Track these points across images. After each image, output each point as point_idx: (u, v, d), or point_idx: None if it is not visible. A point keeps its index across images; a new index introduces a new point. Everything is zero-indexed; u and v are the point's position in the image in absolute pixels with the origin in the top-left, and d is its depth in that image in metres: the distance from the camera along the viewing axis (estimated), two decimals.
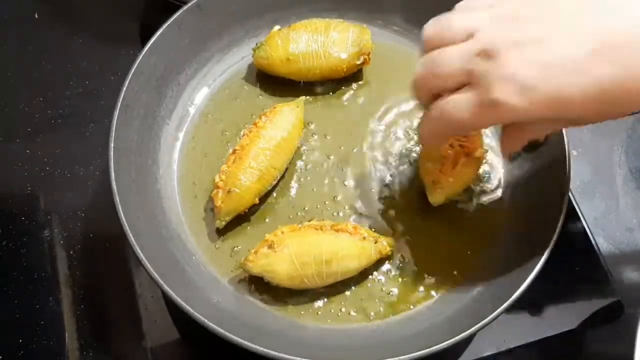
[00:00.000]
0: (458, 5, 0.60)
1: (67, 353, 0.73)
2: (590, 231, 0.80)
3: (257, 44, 0.80)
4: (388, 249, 0.71)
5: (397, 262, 0.73)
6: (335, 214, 0.75)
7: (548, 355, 0.77)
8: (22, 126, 0.86)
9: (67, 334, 0.74)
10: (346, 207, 0.75)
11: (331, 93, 0.82)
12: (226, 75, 0.83)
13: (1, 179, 0.82)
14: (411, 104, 0.81)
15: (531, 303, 0.75)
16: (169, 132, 0.78)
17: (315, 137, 0.79)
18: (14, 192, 0.82)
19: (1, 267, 0.77)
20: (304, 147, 0.78)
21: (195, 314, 0.62)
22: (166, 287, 0.63)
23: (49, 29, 0.94)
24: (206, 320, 0.61)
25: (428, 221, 0.75)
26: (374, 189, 0.76)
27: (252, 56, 0.81)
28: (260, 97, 0.82)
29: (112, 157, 0.69)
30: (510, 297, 0.64)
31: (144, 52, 0.74)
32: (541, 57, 0.53)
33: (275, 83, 0.81)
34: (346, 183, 0.76)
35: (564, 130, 0.72)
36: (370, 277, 0.72)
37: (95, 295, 0.76)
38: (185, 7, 0.77)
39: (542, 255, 0.66)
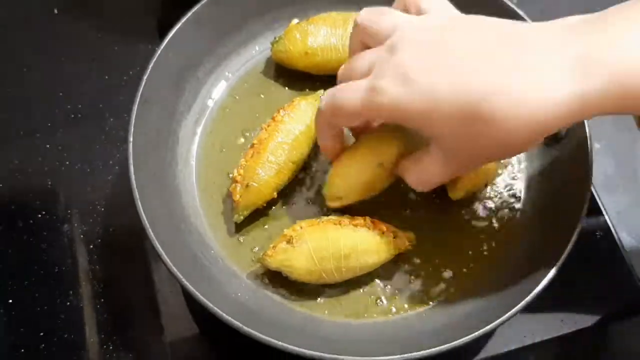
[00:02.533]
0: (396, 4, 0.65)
1: (87, 347, 0.73)
2: (613, 226, 0.79)
3: (275, 38, 0.80)
4: (407, 243, 0.70)
5: (416, 257, 0.72)
6: (354, 208, 0.74)
7: (569, 351, 0.76)
8: (42, 121, 0.86)
9: (87, 328, 0.74)
10: (365, 201, 0.74)
11: None
12: (244, 69, 0.83)
13: (21, 174, 0.83)
14: None
15: (552, 298, 0.74)
16: (188, 126, 0.78)
17: None
18: (34, 187, 0.82)
19: (21, 262, 0.78)
20: None
21: (214, 308, 0.62)
22: (185, 282, 0.63)
23: (68, 24, 0.95)
24: (225, 315, 0.61)
25: (447, 215, 0.74)
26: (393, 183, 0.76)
27: (271, 50, 0.80)
28: (278, 91, 0.81)
29: (131, 151, 0.69)
30: (531, 292, 0.63)
31: (162, 47, 0.74)
32: (435, 58, 0.56)
33: (293, 77, 0.81)
34: None
35: (586, 123, 0.71)
36: (389, 272, 0.71)
37: (114, 290, 0.76)
38: (203, 1, 0.77)
39: (564, 250, 0.65)
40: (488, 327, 0.62)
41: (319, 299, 0.70)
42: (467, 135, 0.55)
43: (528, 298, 0.63)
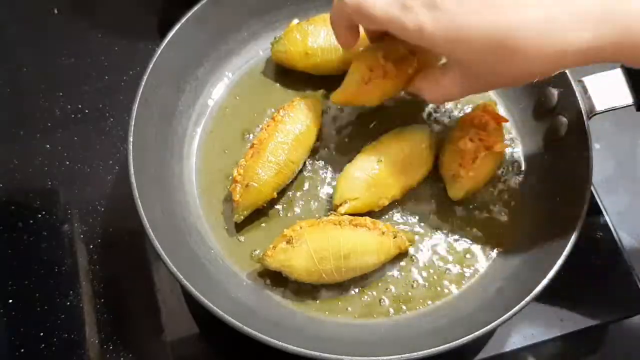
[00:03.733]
0: None
1: (87, 346, 0.73)
2: (613, 226, 0.79)
3: (275, 38, 0.80)
4: (407, 244, 0.70)
5: (416, 257, 0.72)
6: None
7: (570, 351, 0.76)
8: (42, 121, 0.86)
9: (87, 328, 0.74)
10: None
11: None
12: (244, 69, 0.83)
13: (21, 174, 0.83)
14: None
15: (552, 298, 0.75)
16: (188, 126, 0.78)
17: (334, 130, 0.79)
18: (34, 187, 0.82)
19: (22, 261, 0.78)
20: (322, 141, 0.78)
21: (214, 307, 0.62)
22: (185, 281, 0.63)
23: (69, 24, 0.95)
24: (225, 315, 0.61)
25: (447, 216, 0.74)
26: None
27: (271, 50, 0.80)
28: (278, 91, 0.81)
29: (131, 151, 0.69)
30: (531, 293, 0.63)
31: (162, 47, 0.74)
32: None
33: (293, 77, 0.81)
34: None
35: (586, 123, 0.71)
36: (389, 272, 0.71)
37: (114, 289, 0.76)
38: (203, 1, 0.77)
39: (564, 250, 0.65)
40: (488, 327, 0.62)
41: (319, 299, 0.70)
42: (489, 62, 0.59)
43: (528, 298, 0.63)
